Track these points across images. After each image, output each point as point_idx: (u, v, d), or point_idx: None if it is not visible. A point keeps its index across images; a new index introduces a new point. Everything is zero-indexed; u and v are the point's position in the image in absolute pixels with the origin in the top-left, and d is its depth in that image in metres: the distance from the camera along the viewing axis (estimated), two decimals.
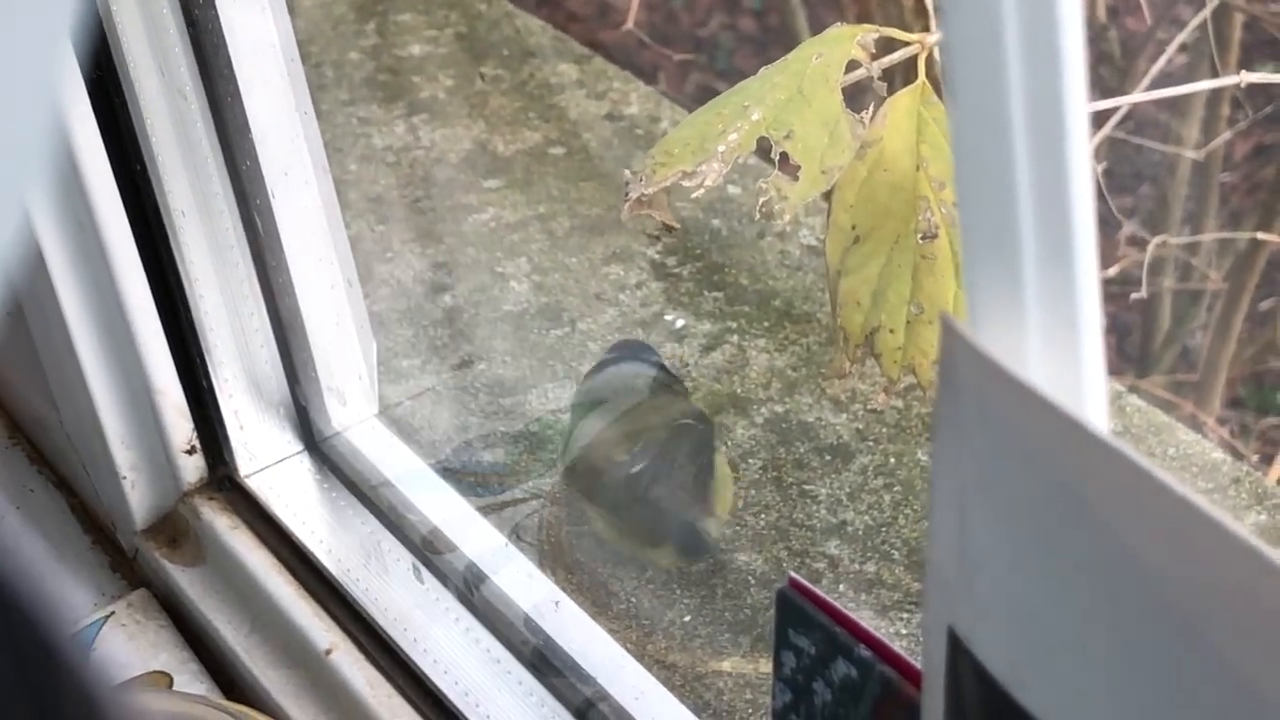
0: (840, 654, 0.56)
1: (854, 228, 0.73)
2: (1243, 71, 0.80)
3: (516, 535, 0.93)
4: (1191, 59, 1.78)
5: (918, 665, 0.55)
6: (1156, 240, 1.41)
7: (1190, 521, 0.40)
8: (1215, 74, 1.74)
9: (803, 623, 0.57)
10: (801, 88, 0.73)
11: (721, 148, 0.73)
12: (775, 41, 2.29)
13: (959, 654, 0.48)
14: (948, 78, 0.47)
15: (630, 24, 1.57)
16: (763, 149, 0.73)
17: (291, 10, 0.84)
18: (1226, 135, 1.82)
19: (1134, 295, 1.38)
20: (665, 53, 2.29)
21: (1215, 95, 1.73)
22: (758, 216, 0.71)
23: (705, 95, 2.36)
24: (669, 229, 0.77)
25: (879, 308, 0.75)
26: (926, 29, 0.73)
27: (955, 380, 0.46)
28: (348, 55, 1.32)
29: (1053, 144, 0.46)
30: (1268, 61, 2.20)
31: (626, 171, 0.73)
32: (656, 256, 1.13)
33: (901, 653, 0.55)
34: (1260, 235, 1.38)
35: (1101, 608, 0.43)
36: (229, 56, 0.82)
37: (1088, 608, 0.44)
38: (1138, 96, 0.81)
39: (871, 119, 0.73)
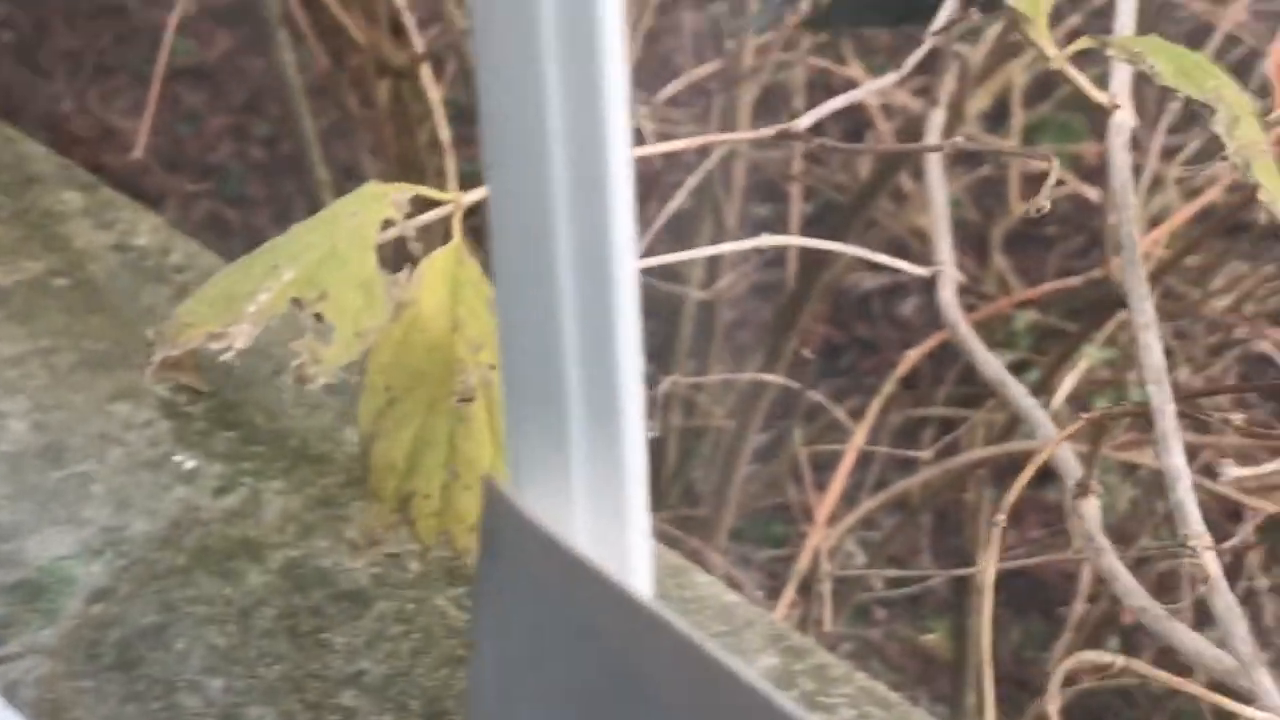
0: None
1: (389, 389, 0.72)
2: (764, 234, 0.82)
3: (10, 694, 0.87)
4: (695, 201, 1.83)
5: None
6: (669, 379, 1.43)
7: (737, 694, 0.40)
8: (719, 215, 1.79)
9: None
10: (336, 247, 0.71)
11: (252, 309, 0.71)
12: (287, 171, 2.26)
13: None
14: (495, 233, 0.46)
15: (139, 151, 1.52)
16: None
17: None
18: (731, 276, 1.87)
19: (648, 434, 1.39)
20: (174, 180, 2.24)
21: (720, 238, 1.78)
22: (290, 382, 0.70)
23: (215, 224, 2.32)
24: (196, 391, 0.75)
25: (414, 473, 0.74)
26: (460, 182, 0.72)
27: (498, 547, 0.45)
28: None
29: (600, 300, 0.45)
30: (766, 203, 2.29)
31: (150, 332, 0.70)
32: (167, 394, 1.09)
33: None
34: (764, 376, 1.42)
35: None
36: None
37: None
38: (673, 257, 0.82)
39: (408, 279, 0.72)
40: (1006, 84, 1.73)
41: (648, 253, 1.69)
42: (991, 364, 0.74)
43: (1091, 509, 0.65)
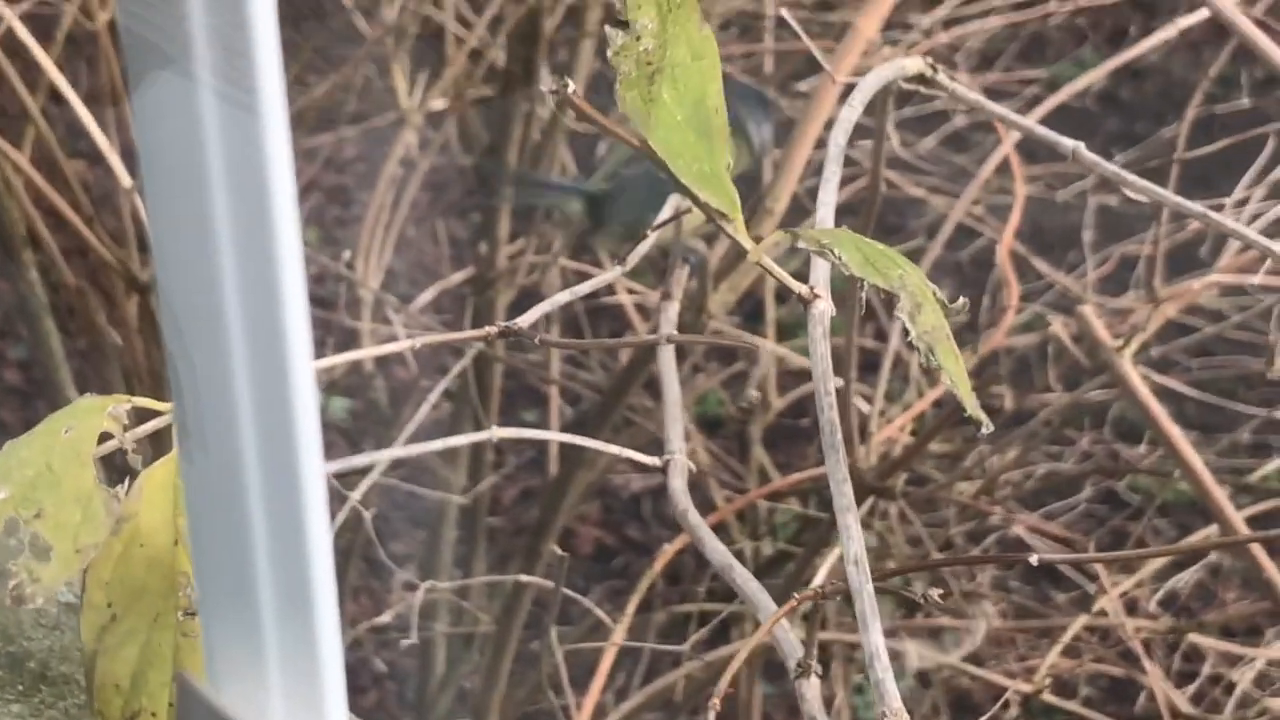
0: None
1: (110, 606, 0.71)
2: (494, 428, 0.83)
3: None
4: (456, 406, 1.83)
5: None
6: (426, 585, 1.42)
7: None
8: (478, 419, 1.80)
9: None
10: (51, 463, 0.70)
11: None
12: (40, 395, 2.23)
13: None
14: (181, 441, 0.46)
15: None
16: None
17: None
18: (492, 480, 1.88)
19: (405, 641, 1.38)
20: None
21: (479, 443, 1.78)
22: (7, 602, 0.68)
23: None
24: None
25: (140, 690, 0.72)
26: None
27: None
28: None
29: (288, 501, 0.45)
30: (531, 408, 2.30)
31: None
32: None
33: None
34: (523, 577, 1.42)
35: None
36: None
37: None
38: (396, 451, 0.83)
39: (128, 492, 0.71)
40: (760, 282, 1.77)
41: (405, 460, 1.69)
42: (719, 551, 0.75)
43: (812, 689, 0.65)
